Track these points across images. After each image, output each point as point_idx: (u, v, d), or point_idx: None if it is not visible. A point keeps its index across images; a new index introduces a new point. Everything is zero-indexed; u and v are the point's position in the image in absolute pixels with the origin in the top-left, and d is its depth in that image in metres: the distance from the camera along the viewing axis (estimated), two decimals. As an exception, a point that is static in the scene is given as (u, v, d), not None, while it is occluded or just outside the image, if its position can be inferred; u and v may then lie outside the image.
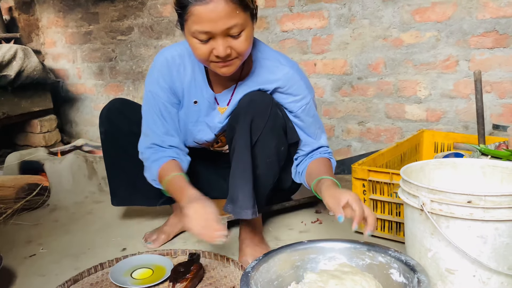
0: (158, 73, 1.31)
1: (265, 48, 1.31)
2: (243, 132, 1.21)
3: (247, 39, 1.12)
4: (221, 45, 1.09)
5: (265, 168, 1.28)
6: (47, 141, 2.96)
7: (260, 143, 1.24)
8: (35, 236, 1.64)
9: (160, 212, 1.75)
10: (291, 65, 1.30)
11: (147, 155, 1.32)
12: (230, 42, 1.10)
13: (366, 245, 1.10)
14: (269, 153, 1.26)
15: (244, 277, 0.98)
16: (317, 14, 2.19)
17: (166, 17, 2.66)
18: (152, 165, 1.30)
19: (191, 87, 1.32)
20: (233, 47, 1.11)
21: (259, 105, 1.23)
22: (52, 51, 3.27)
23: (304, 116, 1.33)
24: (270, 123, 1.23)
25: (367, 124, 2.21)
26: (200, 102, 1.33)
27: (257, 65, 1.29)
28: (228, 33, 1.08)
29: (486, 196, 0.88)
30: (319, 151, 1.37)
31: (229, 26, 1.07)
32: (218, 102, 1.34)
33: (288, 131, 1.30)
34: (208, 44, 1.10)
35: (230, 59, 1.14)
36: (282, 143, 1.29)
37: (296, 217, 1.66)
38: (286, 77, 1.28)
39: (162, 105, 1.32)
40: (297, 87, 1.29)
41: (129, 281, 1.21)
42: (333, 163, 1.38)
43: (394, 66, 2.06)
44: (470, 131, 1.94)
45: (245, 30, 1.11)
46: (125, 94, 3.00)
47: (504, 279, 0.92)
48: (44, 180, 2.05)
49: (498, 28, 1.81)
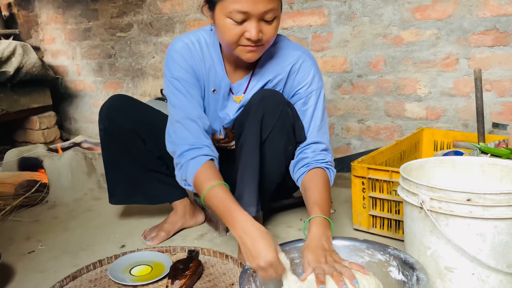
0: (180, 57, 1.25)
1: (280, 37, 1.31)
2: (253, 129, 1.21)
3: (277, 26, 1.15)
4: (255, 27, 1.10)
5: (272, 166, 1.28)
6: (46, 138, 2.96)
7: (269, 141, 1.23)
8: (34, 233, 1.64)
9: (160, 210, 1.75)
10: (304, 50, 1.31)
11: (187, 155, 1.17)
12: (262, 26, 1.11)
13: (365, 242, 1.10)
14: (277, 152, 1.26)
15: (243, 274, 0.98)
16: (317, 11, 2.19)
17: (166, 14, 2.66)
18: (189, 164, 1.16)
19: (210, 74, 1.30)
20: (264, 32, 1.12)
21: (270, 103, 1.22)
22: (51, 48, 3.26)
23: (311, 104, 1.30)
24: (280, 122, 1.22)
25: (367, 122, 2.20)
26: (218, 92, 1.32)
27: (270, 52, 1.29)
28: (263, 17, 1.10)
29: (486, 194, 0.88)
30: (318, 152, 1.29)
31: (267, 9, 1.08)
32: (233, 92, 1.33)
33: (297, 130, 1.29)
34: (241, 26, 1.10)
35: (259, 45, 1.14)
36: (291, 143, 1.28)
37: (295, 215, 1.66)
38: (298, 60, 1.29)
39: (190, 88, 1.24)
40: (308, 70, 1.29)
41: (128, 278, 1.21)
42: (331, 174, 1.28)
43: (394, 64, 2.06)
44: (470, 129, 1.94)
45: (277, 17, 1.13)
46: (124, 91, 3.00)
47: (503, 277, 0.92)
48: (43, 177, 2.05)
49: (498, 26, 1.80)
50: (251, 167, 1.21)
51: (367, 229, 1.46)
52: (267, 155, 1.25)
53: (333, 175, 1.29)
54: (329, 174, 1.27)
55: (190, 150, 1.17)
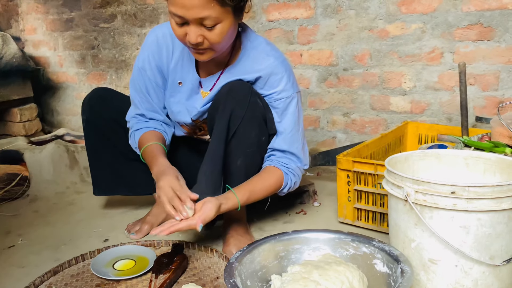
0: (148, 50, 1.33)
1: (256, 37, 1.30)
2: (220, 122, 1.21)
3: (222, 33, 1.11)
4: (193, 32, 1.09)
5: (247, 159, 1.27)
6: (27, 130, 2.90)
7: (239, 132, 1.22)
8: (14, 227, 1.61)
9: (143, 203, 1.73)
10: (277, 57, 1.28)
11: (131, 123, 1.39)
12: (204, 31, 1.10)
13: (350, 235, 1.10)
14: (249, 143, 1.25)
15: (228, 268, 0.97)
16: (304, 4, 2.18)
17: (150, 5, 2.61)
18: (135, 133, 1.37)
19: (177, 67, 1.33)
20: (206, 38, 1.11)
21: (238, 94, 1.21)
22: (32, 38, 3.19)
23: (281, 110, 1.29)
24: (249, 112, 1.21)
25: (352, 116, 2.21)
26: (184, 84, 1.34)
27: (244, 53, 1.28)
28: (201, 22, 1.08)
29: (470, 187, 0.89)
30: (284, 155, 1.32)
31: (202, 17, 1.06)
32: (202, 86, 1.33)
33: (268, 122, 1.29)
34: (183, 28, 1.10)
35: (202, 48, 1.13)
36: (263, 133, 1.28)
37: (280, 208, 1.66)
38: (270, 68, 1.27)
39: (149, 83, 1.36)
40: (278, 79, 1.27)
41: (111, 272, 1.19)
42: (287, 180, 1.31)
43: (380, 58, 2.06)
44: (454, 123, 1.96)
45: (221, 24, 1.10)
46: (108, 83, 2.95)
47: (485, 269, 0.93)
48: (23, 170, 2.00)
49: (482, 20, 1.82)
50: (211, 160, 1.21)
51: (352, 222, 1.47)
52: (240, 147, 1.24)
53: (290, 182, 1.33)
54: (285, 179, 1.31)
55: (138, 123, 1.37)
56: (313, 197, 1.72)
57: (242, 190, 1.22)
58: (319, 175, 2.07)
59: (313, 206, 1.68)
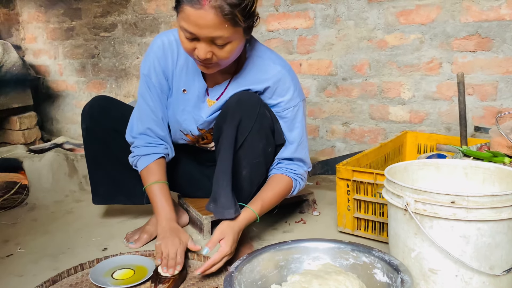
0: (154, 56, 1.33)
1: (260, 46, 1.31)
2: (229, 133, 1.21)
3: (231, 51, 1.12)
4: (203, 49, 1.09)
5: (252, 169, 1.27)
6: (26, 139, 2.90)
7: (247, 144, 1.23)
8: (13, 236, 1.60)
9: (142, 212, 1.73)
10: (284, 65, 1.29)
11: (138, 142, 1.35)
12: (214, 48, 1.10)
13: (350, 245, 1.10)
14: (256, 154, 1.26)
15: (228, 277, 0.97)
16: (303, 14, 2.19)
17: (151, 14, 2.63)
18: (140, 158, 1.35)
19: (182, 74, 1.32)
20: (215, 54, 1.12)
21: (246, 105, 1.22)
22: (32, 47, 3.20)
23: (290, 119, 1.31)
24: (258, 124, 1.22)
25: (351, 125, 2.22)
26: (189, 92, 1.33)
27: (250, 61, 1.28)
28: (212, 40, 1.08)
29: (469, 197, 0.89)
30: (292, 162, 1.35)
31: (214, 36, 1.07)
32: (209, 94, 1.33)
33: (276, 132, 1.30)
34: (192, 42, 1.11)
35: (209, 63, 1.14)
36: (270, 144, 1.28)
37: (280, 217, 1.65)
38: (277, 76, 1.27)
39: (154, 90, 1.34)
40: (287, 88, 1.28)
41: (110, 281, 1.19)
42: (296, 185, 1.36)
43: (379, 68, 2.08)
44: (452, 132, 1.96)
45: (231, 43, 1.11)
46: (107, 91, 2.96)
47: (485, 279, 0.93)
48: (22, 178, 2.00)
49: (480, 31, 1.83)
50: (225, 172, 1.20)
51: (352, 231, 1.46)
52: (247, 158, 1.25)
53: (299, 186, 1.38)
54: (294, 184, 1.35)
55: (146, 147, 1.34)
56: (313, 206, 1.72)
57: (255, 203, 1.26)
58: (318, 184, 2.07)
59: (313, 216, 1.68)
